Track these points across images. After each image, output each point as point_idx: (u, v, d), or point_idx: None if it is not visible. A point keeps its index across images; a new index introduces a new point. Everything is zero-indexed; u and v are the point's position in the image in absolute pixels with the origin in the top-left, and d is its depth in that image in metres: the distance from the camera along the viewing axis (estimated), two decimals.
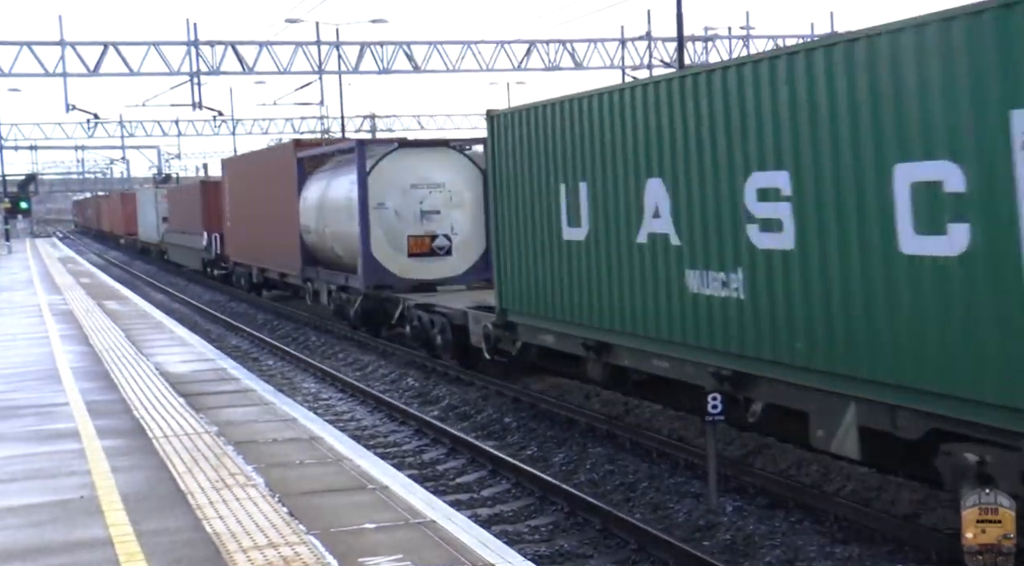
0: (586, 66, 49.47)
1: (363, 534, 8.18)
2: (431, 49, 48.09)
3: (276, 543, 7.98)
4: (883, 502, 11.43)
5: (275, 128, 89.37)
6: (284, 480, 9.82)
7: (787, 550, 10.43)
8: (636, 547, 10.83)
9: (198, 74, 45.39)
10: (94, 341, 20.45)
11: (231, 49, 45.80)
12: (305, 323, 30.73)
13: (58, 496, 9.56)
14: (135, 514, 8.85)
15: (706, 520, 11.49)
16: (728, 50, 51.44)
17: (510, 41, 49.00)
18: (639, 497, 12.61)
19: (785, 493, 11.93)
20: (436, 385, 20.17)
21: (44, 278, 40.11)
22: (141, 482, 9.90)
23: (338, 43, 47.91)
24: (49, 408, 13.82)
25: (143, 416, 13.01)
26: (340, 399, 19.85)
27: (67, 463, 10.79)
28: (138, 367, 17.06)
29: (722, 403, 11.72)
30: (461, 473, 14.35)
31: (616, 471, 13.61)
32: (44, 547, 8.16)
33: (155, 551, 7.90)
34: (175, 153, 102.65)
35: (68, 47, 43.49)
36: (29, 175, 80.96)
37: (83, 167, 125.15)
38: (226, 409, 13.42)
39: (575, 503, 12.17)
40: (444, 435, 16.05)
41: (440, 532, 8.16)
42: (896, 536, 10.48)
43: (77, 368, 17.11)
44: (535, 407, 17.40)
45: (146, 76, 45.28)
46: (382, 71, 47.86)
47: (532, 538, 11.44)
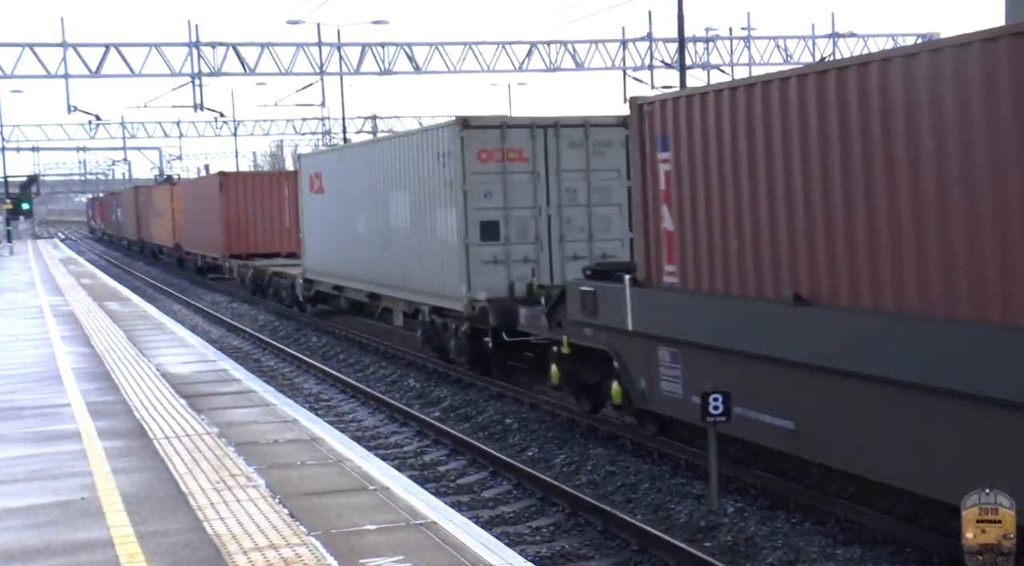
0: (587, 67, 49.48)
1: (364, 535, 8.18)
2: (432, 50, 48.13)
3: (277, 544, 7.98)
4: (884, 503, 11.42)
5: (276, 129, 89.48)
6: (285, 481, 9.82)
7: (789, 551, 10.42)
8: (637, 548, 10.82)
9: (199, 75, 45.44)
10: (95, 342, 20.45)
11: (232, 50, 45.84)
12: (306, 324, 30.76)
13: (59, 497, 9.55)
14: (136, 515, 8.85)
15: (707, 521, 11.48)
16: (729, 51, 51.45)
17: (511, 42, 49.05)
18: (640, 498, 12.61)
19: (787, 494, 11.93)
20: (437, 386, 20.17)
21: (46, 279, 40.13)
22: (142, 483, 9.90)
23: (339, 44, 47.93)
24: (50, 409, 13.82)
25: (144, 417, 13.01)
26: (341, 400, 19.85)
27: (68, 464, 10.79)
28: (139, 368, 17.06)
29: (723, 403, 11.70)
30: (462, 474, 14.34)
31: (617, 472, 13.61)
32: (45, 548, 8.15)
33: (156, 552, 7.89)
34: (176, 154, 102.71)
35: (70, 48, 43.55)
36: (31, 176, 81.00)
37: (85, 168, 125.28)
38: (227, 410, 13.42)
39: (576, 504, 12.16)
40: (445, 436, 16.04)
41: (441, 533, 8.16)
42: (898, 537, 10.47)
43: (78, 369, 17.11)
44: (536, 408, 17.39)
45: (148, 77, 45.35)
46: (383, 72, 47.89)
47: (533, 539, 11.43)
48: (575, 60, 49.44)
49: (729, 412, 11.72)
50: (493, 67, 48.95)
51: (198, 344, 20.43)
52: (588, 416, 16.11)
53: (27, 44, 43.53)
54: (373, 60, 47.79)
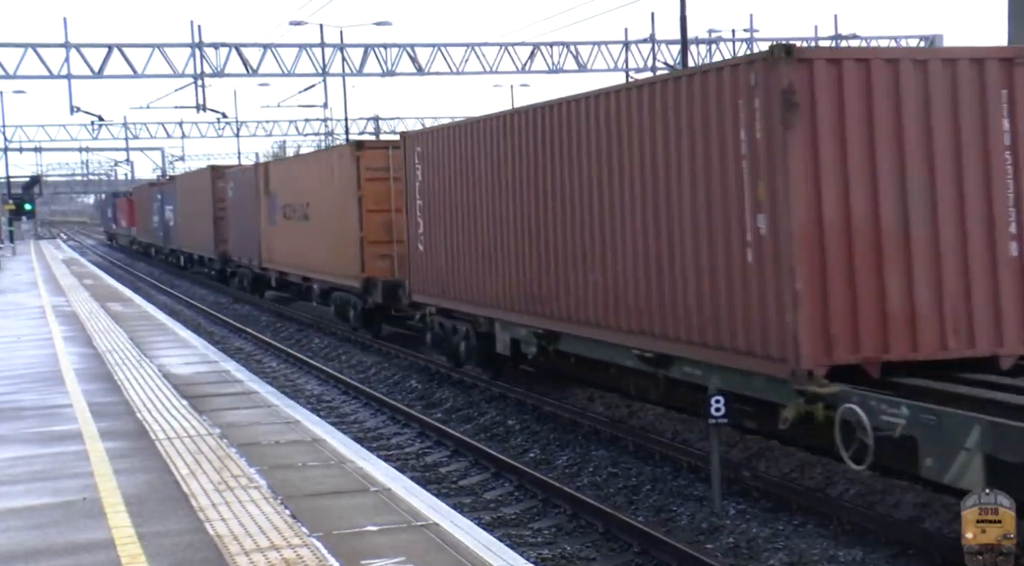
0: (590, 68, 49.44)
1: (365, 536, 8.17)
2: (435, 51, 48.09)
3: (278, 545, 7.97)
4: (886, 505, 11.42)
5: (279, 130, 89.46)
6: (287, 482, 9.81)
7: (791, 553, 10.42)
8: (639, 550, 10.81)
9: (202, 76, 45.42)
10: (97, 343, 20.45)
11: (235, 51, 45.81)
12: (308, 325, 30.74)
13: (60, 498, 9.55)
14: (137, 516, 8.85)
15: (709, 523, 11.47)
16: (732, 52, 51.40)
17: (514, 43, 49.00)
18: (642, 500, 12.60)
19: (789, 496, 11.92)
20: (439, 387, 20.16)
21: (48, 280, 40.15)
22: (143, 484, 9.90)
23: (342, 45, 47.91)
24: (52, 410, 13.81)
25: (146, 418, 13.01)
26: (343, 401, 19.84)
27: (70, 465, 10.78)
28: (141, 369, 17.06)
29: (725, 405, 11.70)
30: (464, 476, 14.33)
31: (619, 474, 13.60)
32: (46, 549, 8.15)
33: (157, 553, 7.89)
34: (179, 155, 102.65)
35: (72, 49, 43.53)
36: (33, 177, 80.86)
37: (87, 169, 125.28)
38: (229, 411, 13.42)
39: (578, 506, 12.15)
40: (447, 437, 16.03)
41: (443, 535, 8.15)
42: (899, 539, 10.46)
43: (80, 370, 17.11)
44: (538, 409, 17.38)
45: (150, 78, 45.31)
46: (386, 73, 47.84)
47: (535, 541, 11.42)
48: (578, 62, 49.39)
49: (731, 414, 11.80)
50: (496, 68, 48.91)
51: (200, 345, 20.43)
52: (591, 419, 16.14)
53: (30, 44, 43.51)
54: (376, 61, 47.74)
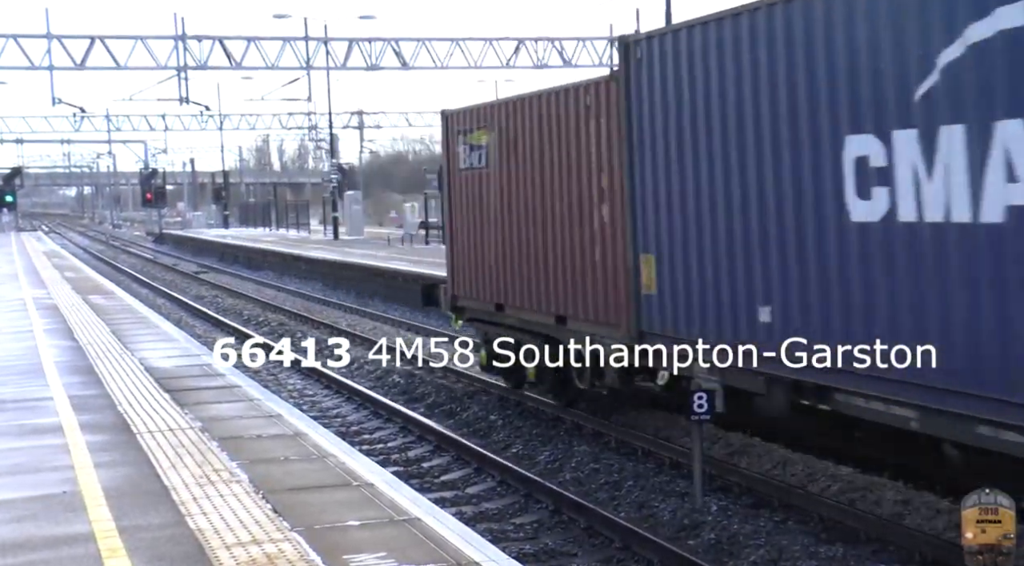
0: (575, 64, 49.47)
1: (347, 531, 8.16)
2: (419, 46, 48.07)
3: (260, 540, 7.95)
4: (868, 502, 11.45)
5: (262, 124, 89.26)
6: (268, 476, 9.79)
7: (771, 550, 10.44)
8: (621, 546, 10.83)
9: (185, 69, 45.31)
10: (79, 336, 20.37)
11: (218, 44, 45.71)
12: (293, 317, 30.68)
13: (40, 491, 9.51)
14: (118, 510, 8.81)
15: (691, 519, 11.49)
16: None
17: (499, 38, 49.02)
18: (624, 496, 12.61)
19: (770, 493, 11.95)
20: (422, 382, 20.15)
21: (29, 272, 39.97)
22: (124, 478, 9.86)
23: (326, 39, 47.86)
24: (33, 402, 13.75)
25: (127, 411, 12.96)
26: (325, 395, 19.81)
27: (50, 458, 10.74)
28: (123, 362, 17.00)
29: (707, 401, 11.71)
30: (446, 471, 14.32)
31: (601, 470, 13.61)
32: (26, 542, 8.11)
33: (138, 547, 7.86)
34: (162, 148, 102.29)
35: (54, 40, 43.37)
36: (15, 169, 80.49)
37: (69, 161, 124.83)
38: (211, 405, 13.38)
39: (560, 501, 12.16)
40: (429, 432, 16.02)
41: (425, 529, 8.14)
42: (880, 536, 10.49)
43: (61, 362, 17.04)
44: (520, 405, 17.38)
45: (133, 70, 45.21)
46: (370, 67, 47.82)
47: (517, 536, 11.43)
48: (562, 57, 49.45)
49: (714, 411, 11.79)
50: (480, 63, 48.93)
51: (183, 338, 20.37)
52: (574, 415, 16.14)
53: (11, 35, 43.32)
54: (360, 55, 47.74)
